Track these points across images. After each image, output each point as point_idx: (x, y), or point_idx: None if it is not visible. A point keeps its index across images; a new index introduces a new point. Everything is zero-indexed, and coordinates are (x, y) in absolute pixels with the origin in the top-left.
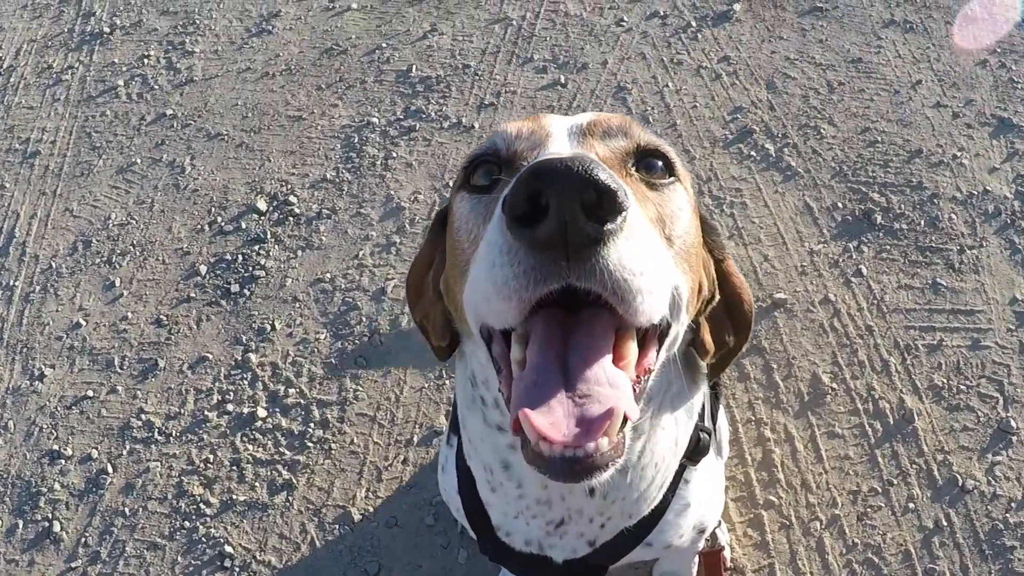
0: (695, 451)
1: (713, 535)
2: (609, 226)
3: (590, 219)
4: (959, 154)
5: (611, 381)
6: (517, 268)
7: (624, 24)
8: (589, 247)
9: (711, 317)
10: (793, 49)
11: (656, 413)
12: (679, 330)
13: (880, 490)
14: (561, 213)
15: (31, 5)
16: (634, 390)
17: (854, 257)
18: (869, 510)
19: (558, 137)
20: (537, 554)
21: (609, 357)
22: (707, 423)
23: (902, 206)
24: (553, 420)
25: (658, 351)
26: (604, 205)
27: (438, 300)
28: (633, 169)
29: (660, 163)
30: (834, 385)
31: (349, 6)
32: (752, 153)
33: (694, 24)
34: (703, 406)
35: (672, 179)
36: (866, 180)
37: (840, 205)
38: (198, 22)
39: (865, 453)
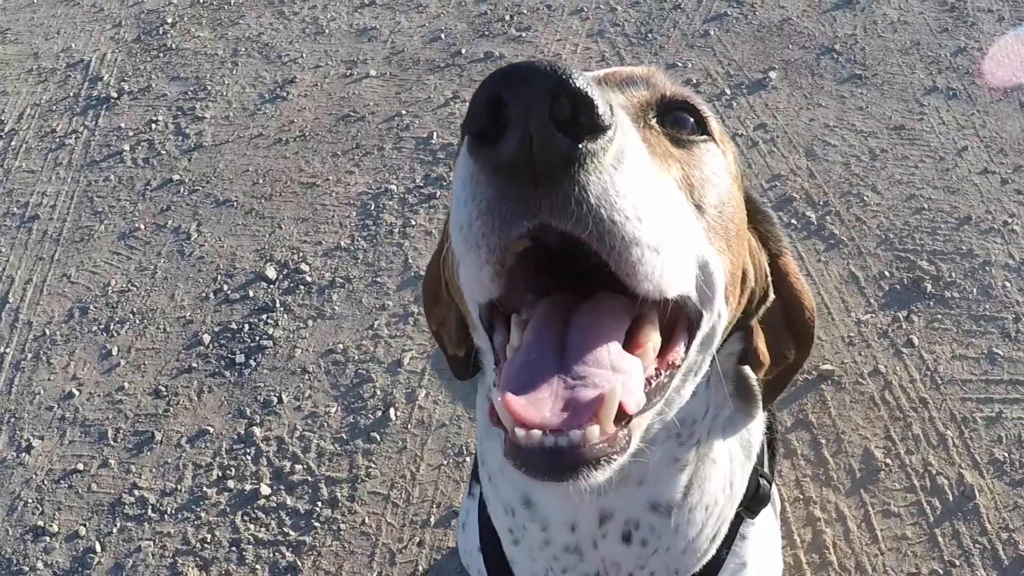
0: (754, 499)
1: None
2: (587, 144)
3: (562, 132)
4: (1010, 220)
5: (615, 364)
6: (481, 203)
7: None
8: (561, 168)
9: (766, 324)
10: (832, 116)
11: (704, 441)
12: (715, 323)
13: (942, 572)
14: (524, 124)
15: (36, 69)
16: (649, 383)
17: (904, 327)
18: None
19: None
20: None
21: (618, 343)
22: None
23: (953, 274)
24: (535, 401)
25: (688, 344)
26: (581, 119)
27: (452, 303)
28: (655, 122)
29: (691, 119)
30: (888, 461)
31: (367, 73)
32: (793, 221)
33: (728, 92)
34: (762, 447)
35: (704, 136)
36: (914, 248)
37: (887, 274)
38: (209, 88)
39: (924, 532)
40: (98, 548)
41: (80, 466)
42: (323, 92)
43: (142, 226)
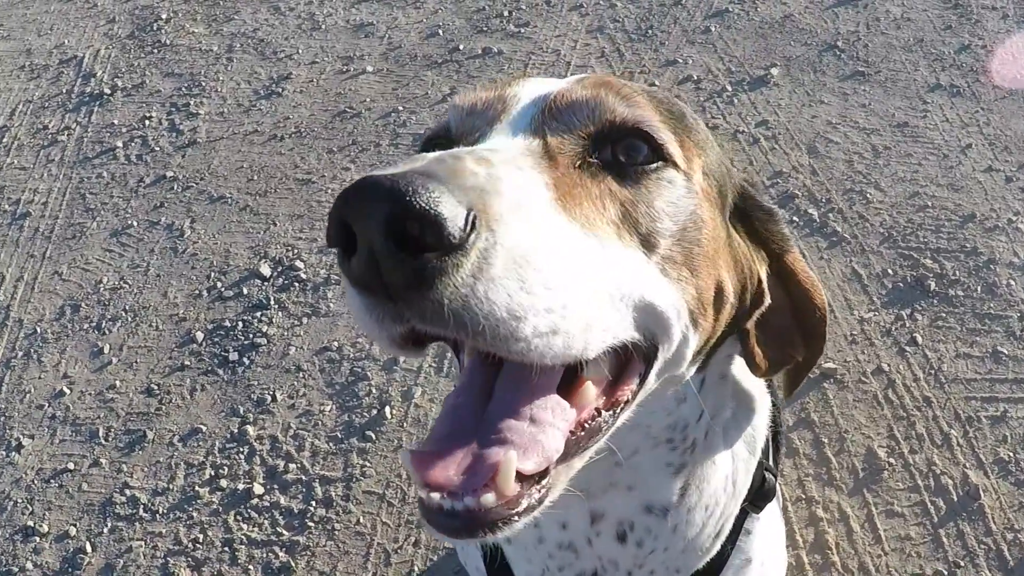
0: (759, 494)
1: None
2: (437, 264)
3: (406, 252)
4: (1014, 218)
5: (536, 418)
6: (357, 305)
7: (655, 87)
8: (413, 287)
9: (769, 325)
10: (835, 113)
11: (702, 443)
12: (680, 347)
13: (946, 573)
14: (368, 247)
15: (29, 66)
16: (582, 428)
17: (907, 325)
18: None
19: (517, 112)
20: None
21: (550, 392)
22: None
23: (957, 272)
24: (442, 462)
25: (644, 377)
26: (427, 239)
27: None
28: (595, 157)
29: (644, 146)
30: (891, 460)
31: (364, 69)
32: (795, 218)
33: (729, 88)
34: (767, 441)
35: (658, 164)
36: (917, 246)
37: (891, 272)
38: (204, 84)
39: (928, 533)
40: (88, 548)
41: (71, 465)
42: (319, 88)
43: (135, 223)
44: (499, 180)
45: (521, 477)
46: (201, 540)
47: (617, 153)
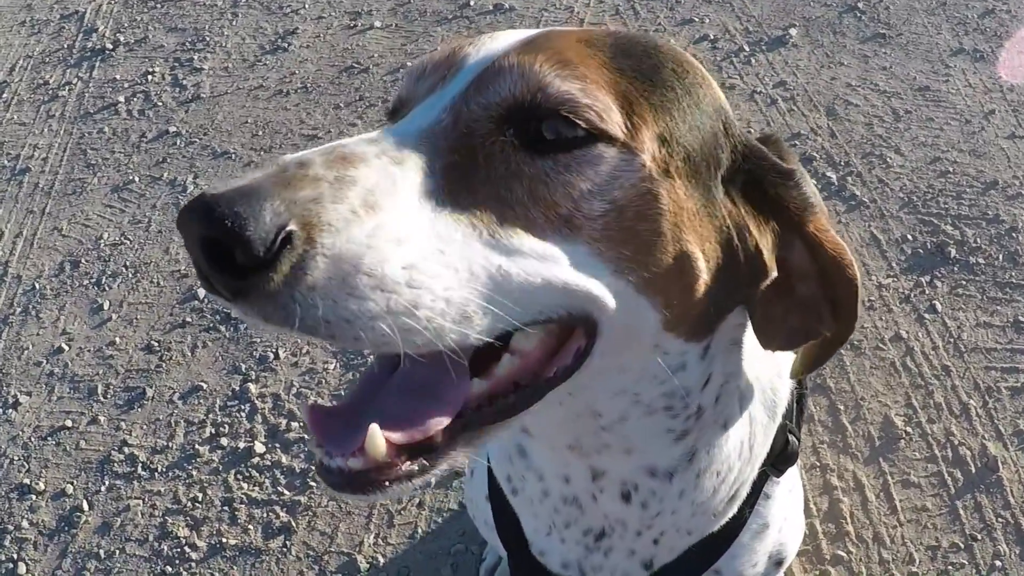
0: (780, 458)
1: None
2: (252, 279)
3: (225, 268)
4: None
5: (420, 393)
6: None
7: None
8: (240, 299)
9: (794, 296)
10: (855, 76)
11: (711, 409)
12: (636, 324)
13: (962, 546)
14: (197, 261)
15: (29, 21)
16: (490, 402)
17: (927, 292)
18: (950, 568)
19: (454, 82)
20: None
21: (444, 372)
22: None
23: (978, 239)
24: (329, 425)
25: (583, 353)
26: (238, 259)
27: None
28: (510, 134)
29: (577, 125)
30: (908, 429)
31: (372, 24)
32: (813, 181)
33: (747, 48)
34: (789, 404)
35: (582, 138)
36: (938, 212)
37: (910, 237)
38: (208, 39)
39: (944, 504)
40: (85, 507)
41: (68, 423)
42: (326, 43)
43: (136, 178)
44: (348, 184)
45: (408, 447)
46: (200, 499)
47: (542, 129)
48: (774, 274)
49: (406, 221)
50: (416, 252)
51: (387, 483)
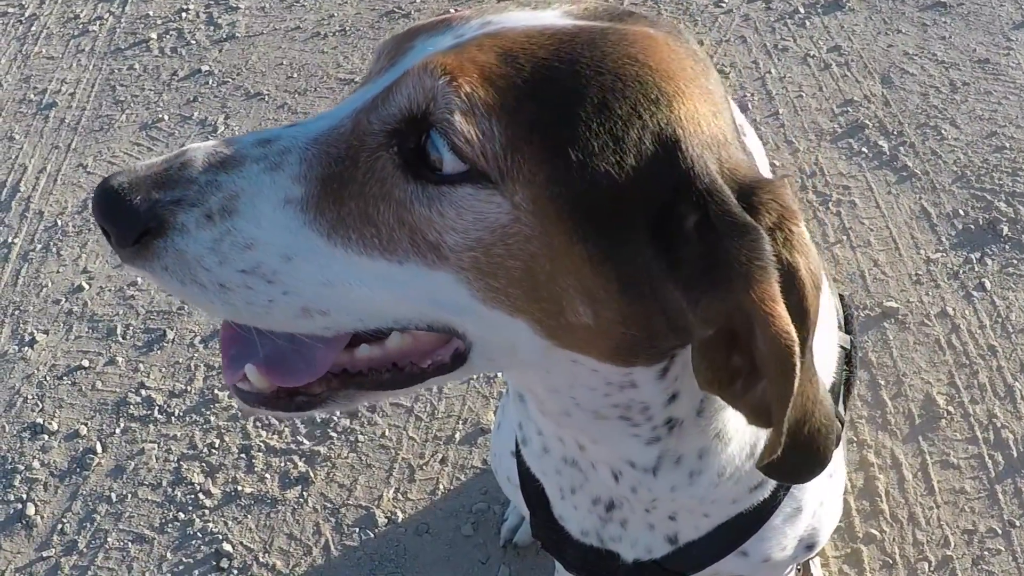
0: None
1: (806, 564)
2: (125, 251)
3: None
4: None
5: (299, 350)
6: None
7: (723, 5)
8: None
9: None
10: (912, 44)
11: (693, 425)
12: (512, 349)
13: (1000, 531)
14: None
15: None
16: (364, 374)
17: (976, 269)
18: (987, 553)
19: (384, 77)
20: (599, 548)
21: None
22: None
23: None
24: (235, 351)
25: (458, 359)
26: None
27: None
28: (394, 150)
29: (451, 152)
30: (950, 409)
31: None
32: (863, 150)
33: (802, 11)
34: (835, 386)
35: (455, 176)
36: (992, 188)
37: (962, 212)
38: None
39: (984, 488)
40: (99, 449)
41: (85, 363)
42: None
43: (166, 117)
44: (213, 188)
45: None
46: (217, 445)
47: (425, 146)
48: (707, 332)
49: (256, 228)
50: (258, 257)
51: (266, 406)
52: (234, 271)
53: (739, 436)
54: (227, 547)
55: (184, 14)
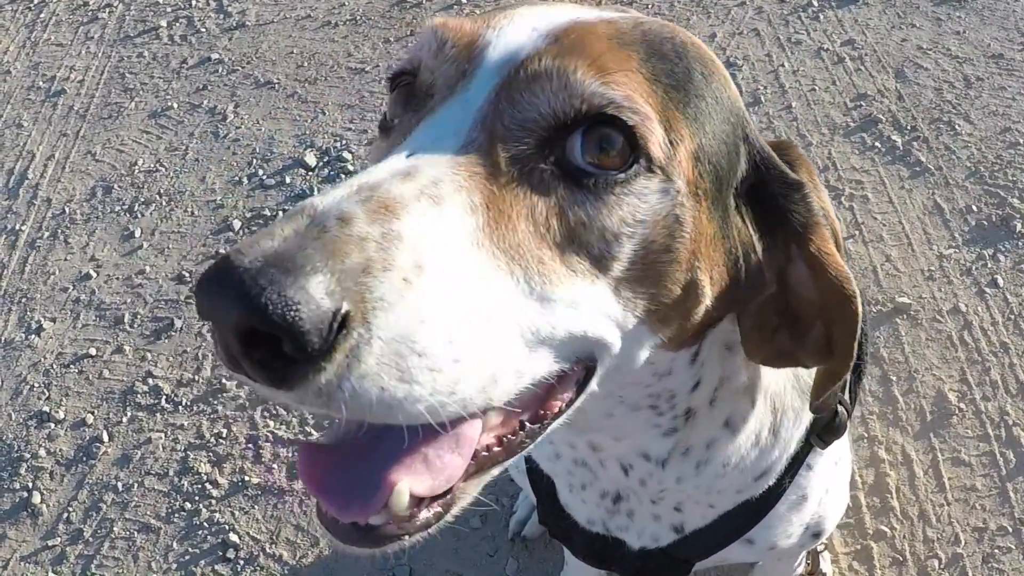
0: (827, 429)
1: (815, 559)
2: (296, 369)
3: (264, 357)
4: None
5: (430, 452)
6: None
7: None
8: (277, 386)
9: (784, 314)
10: (926, 39)
11: (704, 410)
12: (633, 352)
13: (1011, 529)
14: (227, 349)
15: None
16: (501, 443)
17: (989, 266)
18: (997, 551)
19: (476, 84)
20: (605, 536)
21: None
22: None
23: None
24: (332, 465)
25: (582, 386)
26: (285, 349)
27: None
28: (550, 160)
29: (618, 136)
30: (962, 405)
31: None
32: (876, 144)
33: (816, 4)
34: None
35: (627, 174)
36: (1005, 184)
37: (975, 208)
38: None
39: (995, 485)
40: (105, 437)
41: (92, 351)
42: None
43: (175, 105)
44: (395, 243)
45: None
46: (224, 435)
47: (587, 147)
48: (772, 288)
49: (451, 279)
50: (459, 316)
51: (406, 536)
52: (445, 344)
53: (747, 426)
54: (234, 537)
55: (194, 2)
